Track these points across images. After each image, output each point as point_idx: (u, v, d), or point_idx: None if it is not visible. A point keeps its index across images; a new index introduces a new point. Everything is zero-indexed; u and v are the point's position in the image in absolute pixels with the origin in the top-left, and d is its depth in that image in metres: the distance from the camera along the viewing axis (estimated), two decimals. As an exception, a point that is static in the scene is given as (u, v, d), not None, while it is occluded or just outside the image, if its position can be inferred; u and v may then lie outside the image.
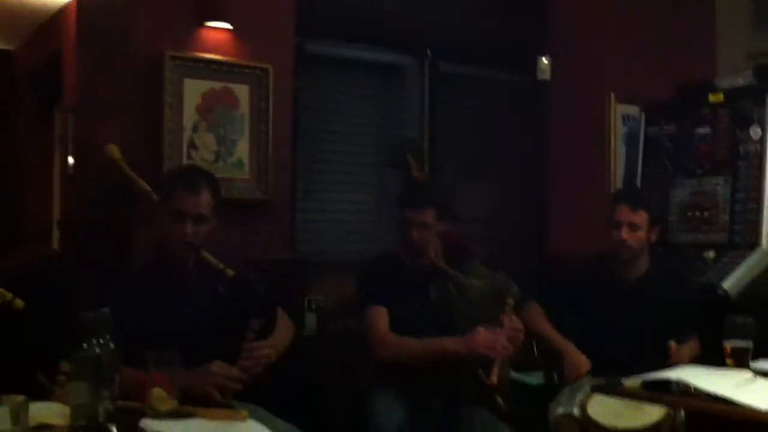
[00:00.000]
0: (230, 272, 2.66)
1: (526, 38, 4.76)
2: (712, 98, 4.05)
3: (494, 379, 2.75)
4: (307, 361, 3.23)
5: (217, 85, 3.59)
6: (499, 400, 2.82)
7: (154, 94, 3.45)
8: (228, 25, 3.62)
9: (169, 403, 2.16)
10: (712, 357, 2.64)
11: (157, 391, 2.15)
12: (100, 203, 3.35)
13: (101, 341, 2.04)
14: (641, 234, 3.27)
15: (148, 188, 3.03)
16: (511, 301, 2.90)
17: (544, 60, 4.73)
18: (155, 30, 3.48)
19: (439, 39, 4.48)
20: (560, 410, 3.01)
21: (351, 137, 4.23)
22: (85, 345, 1.97)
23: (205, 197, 2.66)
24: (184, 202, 2.63)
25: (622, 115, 4.63)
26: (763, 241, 3.72)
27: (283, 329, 2.86)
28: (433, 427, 2.96)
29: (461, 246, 3.72)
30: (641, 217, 3.27)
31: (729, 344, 2.44)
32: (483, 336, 2.81)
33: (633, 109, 4.53)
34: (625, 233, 3.25)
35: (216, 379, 2.44)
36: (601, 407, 2.85)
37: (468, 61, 4.61)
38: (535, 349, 3.85)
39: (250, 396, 2.52)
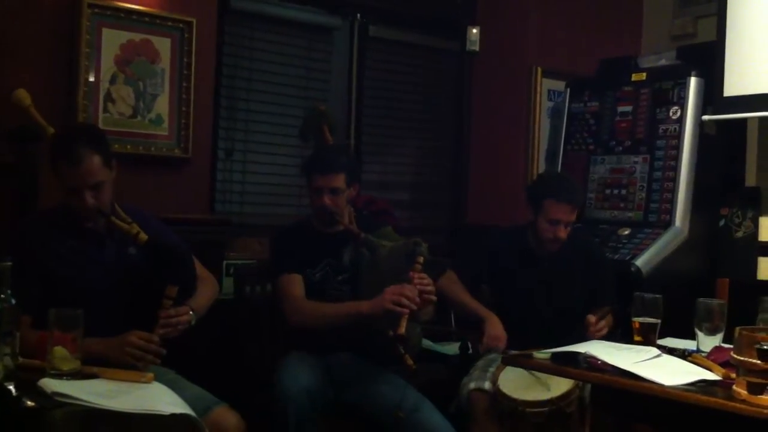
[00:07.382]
0: (143, 237, 2.54)
1: (457, 7, 4.74)
2: (635, 77, 4.11)
3: (401, 330, 2.75)
4: (222, 325, 3.17)
5: (137, 36, 3.47)
6: (407, 356, 2.81)
7: (70, 42, 3.32)
8: (151, -26, 3.50)
9: (72, 363, 2.10)
10: (625, 332, 2.69)
11: (59, 350, 2.09)
12: (10, 150, 3.19)
13: (1, 295, 1.98)
14: (569, 228, 3.27)
15: None
16: (420, 258, 2.89)
17: (474, 30, 4.72)
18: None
19: (370, 2, 4.42)
20: (472, 384, 3.03)
21: (276, 98, 4.14)
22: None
23: (91, 164, 2.42)
24: (70, 177, 2.41)
25: (548, 90, 4.65)
26: (677, 220, 3.81)
27: (205, 289, 2.71)
28: (343, 388, 2.96)
29: (383, 212, 3.71)
30: (574, 214, 3.27)
31: (637, 320, 2.49)
32: (390, 291, 2.80)
33: (559, 85, 4.56)
34: (561, 231, 3.23)
35: (134, 351, 2.35)
36: (512, 379, 2.90)
37: (398, 25, 4.57)
38: (452, 320, 3.88)
39: (162, 358, 2.44)
